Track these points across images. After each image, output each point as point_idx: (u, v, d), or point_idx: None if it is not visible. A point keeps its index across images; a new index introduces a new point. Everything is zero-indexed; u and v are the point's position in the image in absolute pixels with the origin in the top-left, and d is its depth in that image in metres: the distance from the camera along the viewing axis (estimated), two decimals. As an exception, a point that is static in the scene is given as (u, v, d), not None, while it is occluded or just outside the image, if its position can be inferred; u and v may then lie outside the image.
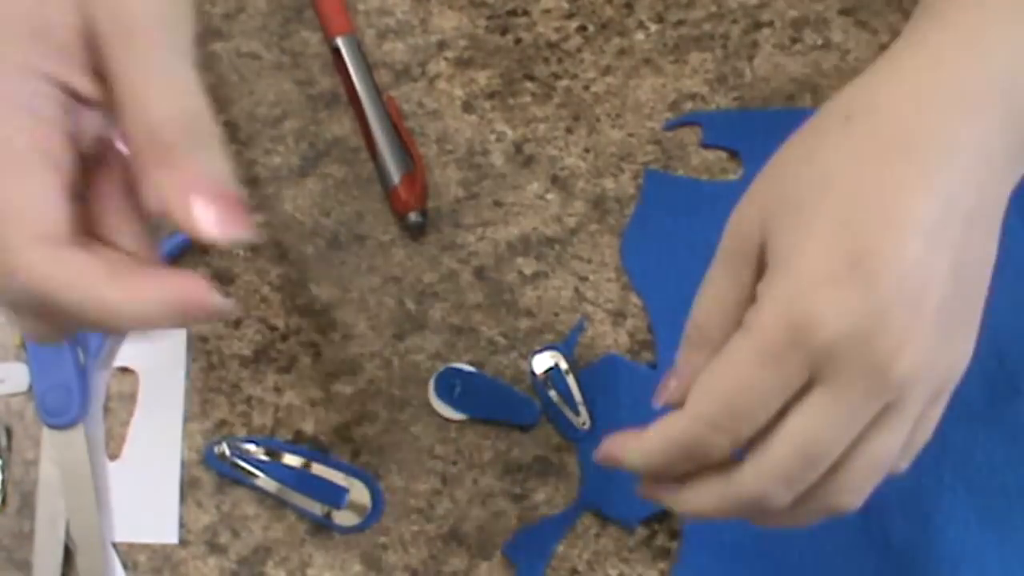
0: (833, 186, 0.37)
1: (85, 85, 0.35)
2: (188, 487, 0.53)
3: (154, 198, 0.34)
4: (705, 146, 0.56)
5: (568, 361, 0.53)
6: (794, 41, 0.58)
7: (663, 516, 0.51)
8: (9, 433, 0.54)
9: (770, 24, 0.58)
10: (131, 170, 0.36)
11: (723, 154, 0.56)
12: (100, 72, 0.35)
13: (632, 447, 0.40)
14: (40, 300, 0.33)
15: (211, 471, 0.53)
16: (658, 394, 0.41)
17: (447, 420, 0.53)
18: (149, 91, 0.34)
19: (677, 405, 0.39)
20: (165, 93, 0.34)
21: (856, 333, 0.35)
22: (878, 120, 0.38)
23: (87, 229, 0.36)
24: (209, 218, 0.34)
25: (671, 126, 0.56)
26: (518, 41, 0.58)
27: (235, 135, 0.57)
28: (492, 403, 0.52)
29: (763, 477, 0.38)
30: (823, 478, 0.38)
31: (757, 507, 0.38)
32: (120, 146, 0.36)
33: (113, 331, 0.35)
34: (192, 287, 0.34)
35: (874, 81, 0.39)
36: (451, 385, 0.52)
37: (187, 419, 0.54)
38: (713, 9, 0.58)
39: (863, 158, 0.37)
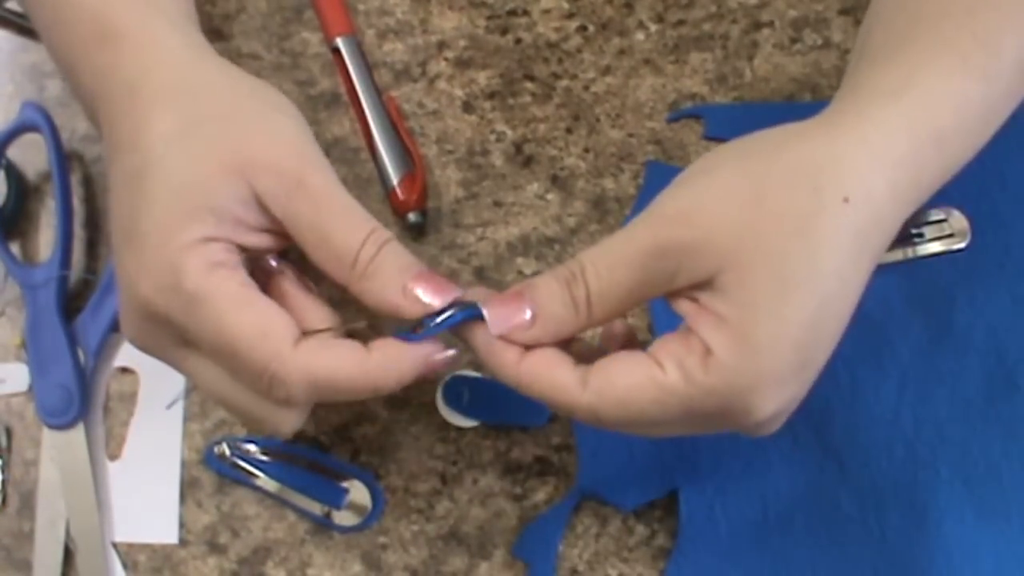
0: (821, 281, 0.38)
1: (254, 241, 0.42)
2: (188, 487, 0.53)
3: (371, 302, 0.42)
4: (707, 139, 0.56)
5: None
6: (794, 41, 0.58)
7: (662, 512, 0.51)
8: (9, 433, 0.54)
9: (770, 24, 0.58)
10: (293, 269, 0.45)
11: (723, 154, 0.56)
12: (267, 228, 0.42)
13: (508, 364, 0.41)
14: (316, 389, 0.40)
15: (211, 471, 0.53)
16: (500, 321, 0.41)
17: (458, 427, 0.53)
18: (334, 229, 0.41)
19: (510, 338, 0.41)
20: (346, 225, 0.41)
21: (771, 418, 0.40)
22: (870, 213, 0.39)
23: None
24: (427, 295, 0.41)
25: (673, 118, 0.56)
26: (518, 41, 0.58)
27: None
28: (502, 407, 0.52)
29: (595, 411, 0.40)
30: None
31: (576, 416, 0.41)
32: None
33: (371, 395, 0.42)
34: (431, 347, 0.42)
35: (867, 157, 0.40)
36: (458, 393, 0.52)
37: (187, 419, 0.54)
38: (713, 9, 0.58)
39: (853, 253, 0.39)
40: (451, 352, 0.42)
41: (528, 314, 0.41)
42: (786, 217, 0.38)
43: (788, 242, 0.38)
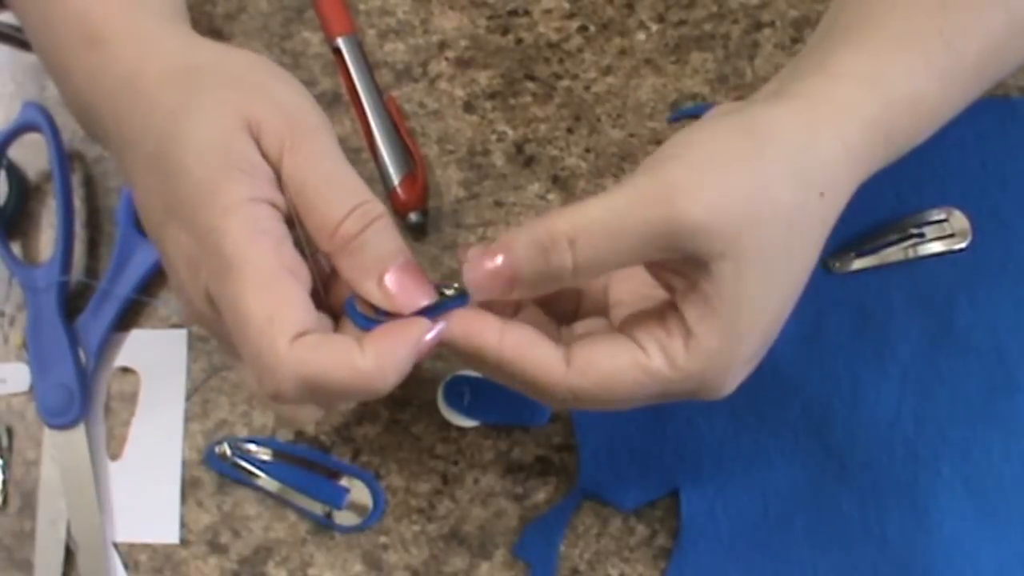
0: (797, 274, 0.40)
1: (283, 203, 0.41)
2: (189, 487, 0.53)
3: (348, 281, 0.40)
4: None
5: None
6: (795, 41, 0.57)
7: (663, 512, 0.51)
8: (10, 433, 0.54)
9: (771, 24, 0.58)
10: None
11: (724, 154, 0.56)
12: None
13: (489, 344, 0.40)
14: (310, 386, 0.38)
15: (212, 471, 0.53)
16: (483, 292, 0.40)
17: (459, 427, 0.52)
18: (319, 196, 0.40)
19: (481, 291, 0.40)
20: (332, 194, 0.40)
21: (732, 389, 0.41)
22: (835, 206, 0.41)
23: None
24: (402, 295, 0.40)
25: (676, 118, 0.56)
26: (519, 41, 0.58)
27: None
28: (502, 407, 0.52)
29: (576, 391, 0.40)
30: None
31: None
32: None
33: (372, 396, 0.40)
34: (418, 329, 0.39)
35: (843, 155, 0.41)
36: (460, 393, 0.52)
37: (188, 419, 0.54)
38: (714, 9, 0.58)
39: (820, 244, 0.41)
40: (441, 325, 0.40)
41: (509, 286, 0.40)
42: (782, 209, 0.39)
43: (781, 235, 0.39)
